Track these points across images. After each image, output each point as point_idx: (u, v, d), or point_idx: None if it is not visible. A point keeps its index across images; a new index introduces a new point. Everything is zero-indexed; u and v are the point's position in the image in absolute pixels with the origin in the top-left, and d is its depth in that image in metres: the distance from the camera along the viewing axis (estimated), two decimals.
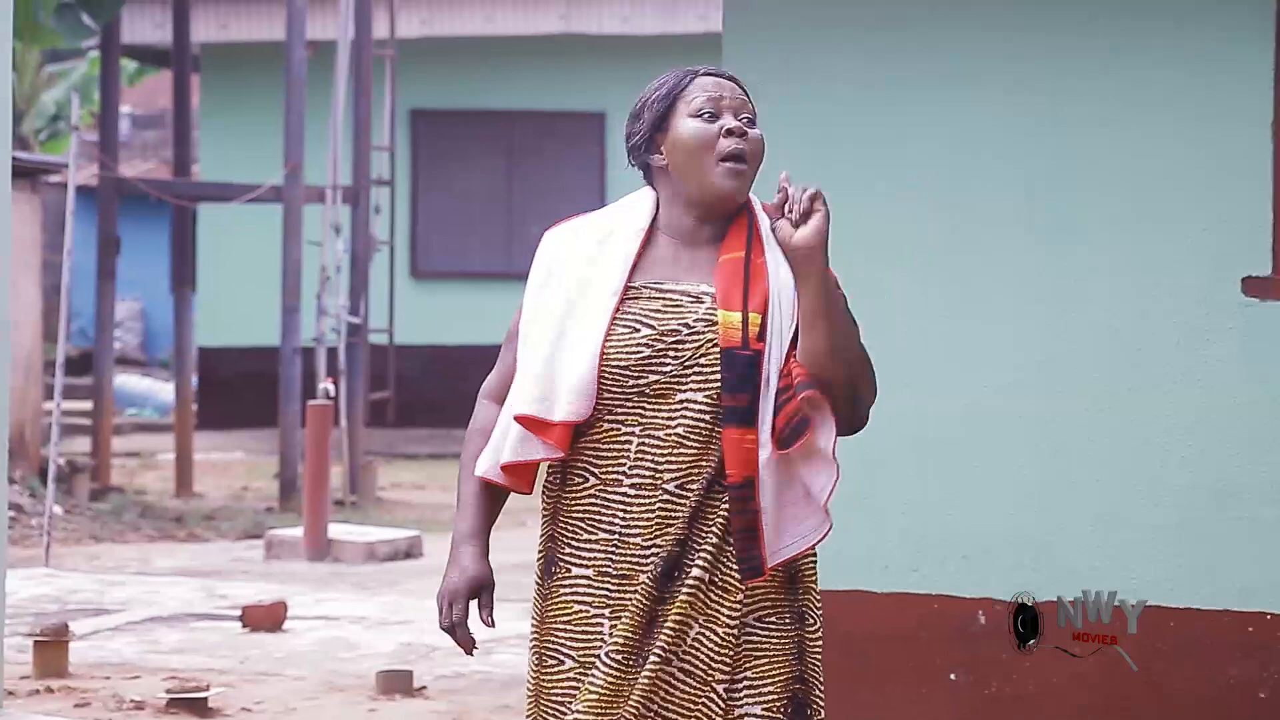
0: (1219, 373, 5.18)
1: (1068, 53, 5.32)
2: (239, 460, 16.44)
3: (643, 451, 3.30)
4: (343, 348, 13.85)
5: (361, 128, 14.44)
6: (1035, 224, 5.32)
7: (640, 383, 3.30)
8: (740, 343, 3.28)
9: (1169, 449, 5.19)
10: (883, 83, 5.43)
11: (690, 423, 3.29)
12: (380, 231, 15.01)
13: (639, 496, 3.30)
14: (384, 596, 9.66)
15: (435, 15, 17.84)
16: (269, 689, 7.25)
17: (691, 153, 3.34)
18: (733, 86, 3.40)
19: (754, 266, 3.33)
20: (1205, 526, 5.16)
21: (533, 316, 3.41)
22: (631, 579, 3.31)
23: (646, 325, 3.32)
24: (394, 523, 12.42)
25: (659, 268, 3.37)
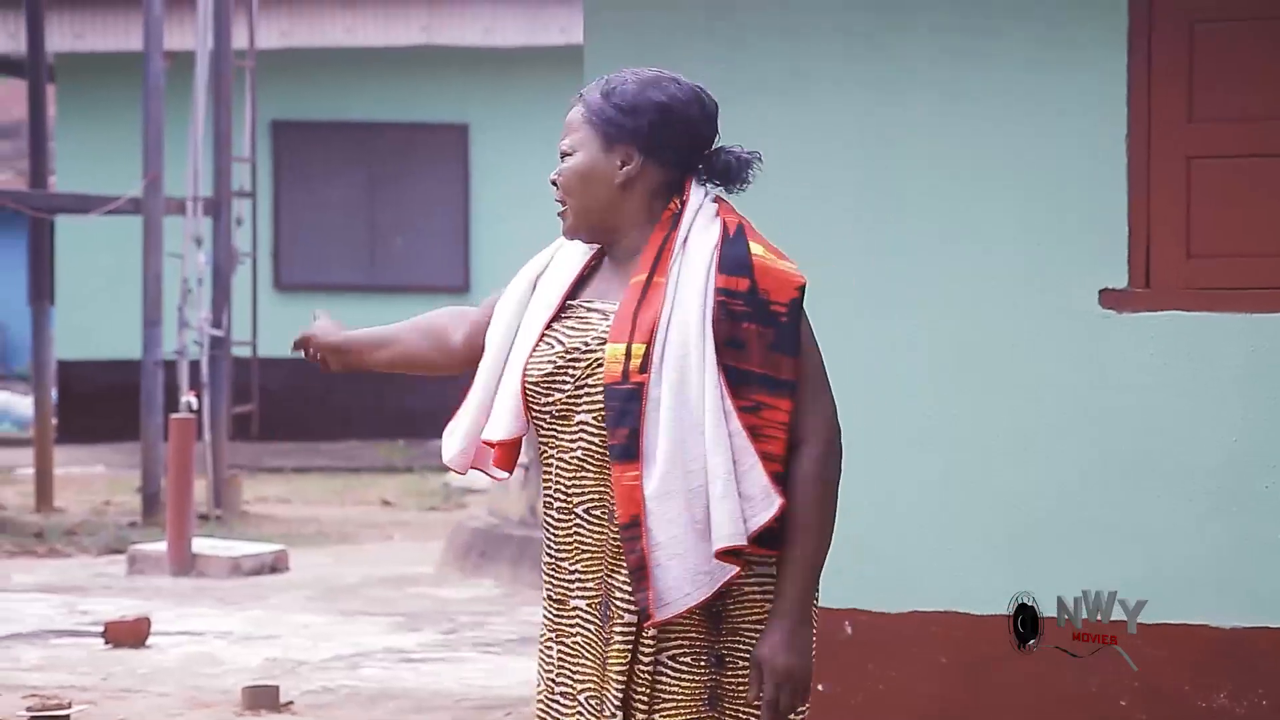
0: (1073, 383, 5.26)
1: (921, 61, 5.38)
2: (100, 475, 16.25)
3: (559, 475, 3.26)
4: (205, 361, 13.74)
5: (222, 139, 14.33)
6: (887, 231, 5.38)
7: (547, 401, 3.25)
8: (620, 376, 3.16)
9: (1015, 460, 5.26)
10: (740, 90, 5.47)
11: (587, 447, 3.22)
12: (242, 244, 14.91)
13: (560, 521, 3.27)
14: (249, 611, 9.59)
15: (295, 26, 17.75)
16: (132, 706, 7.19)
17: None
18: (571, 115, 3.38)
19: (653, 287, 3.21)
20: (1047, 536, 5.23)
21: (496, 323, 3.40)
22: (564, 604, 3.27)
23: (559, 342, 3.28)
24: (259, 537, 12.33)
25: (595, 286, 3.33)
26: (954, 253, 5.35)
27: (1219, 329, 5.20)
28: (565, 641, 3.27)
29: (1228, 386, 5.19)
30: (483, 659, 8.28)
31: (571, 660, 3.27)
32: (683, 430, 3.14)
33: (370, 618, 9.34)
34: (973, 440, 5.32)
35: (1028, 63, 5.34)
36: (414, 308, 17.08)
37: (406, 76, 18.15)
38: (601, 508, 3.21)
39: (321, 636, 8.75)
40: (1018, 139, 5.32)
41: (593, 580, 3.23)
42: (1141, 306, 5.24)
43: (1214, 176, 5.22)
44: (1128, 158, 5.25)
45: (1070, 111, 5.30)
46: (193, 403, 12.55)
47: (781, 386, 3.18)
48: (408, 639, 8.73)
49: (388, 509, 14.32)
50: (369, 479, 16.06)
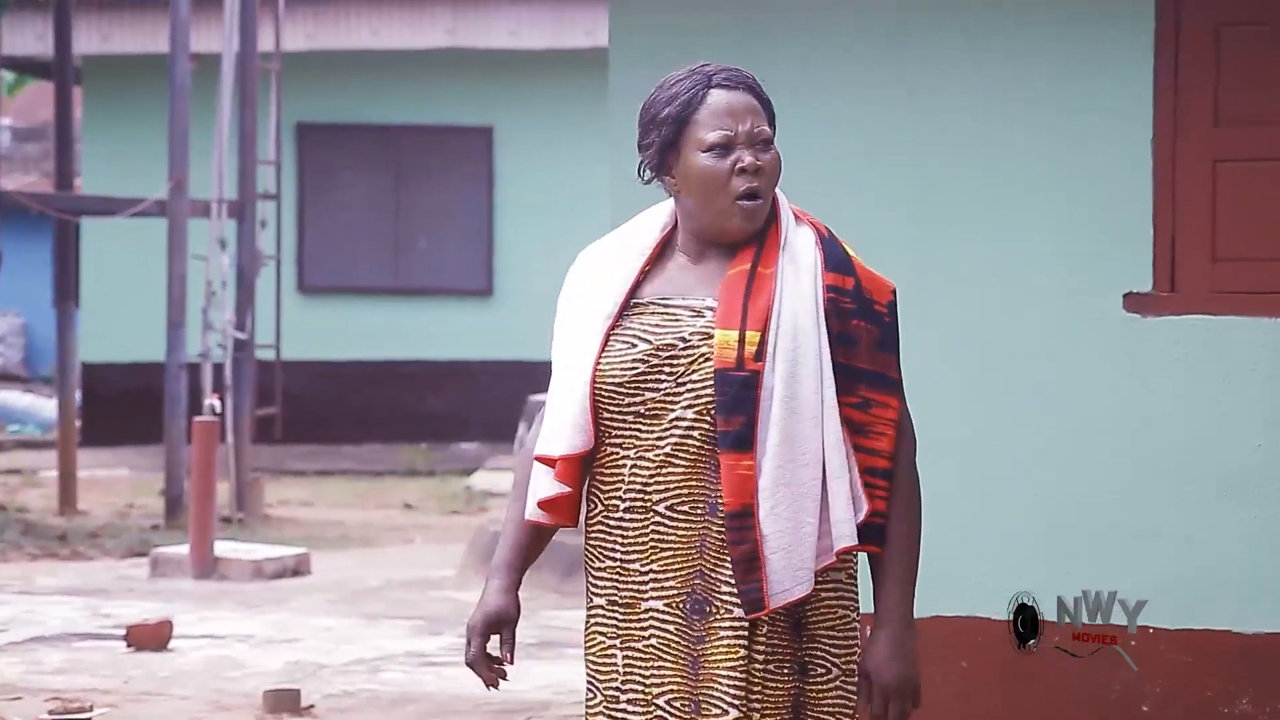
0: (1098, 388, 5.23)
1: (949, 61, 5.36)
2: (123, 477, 16.28)
3: (634, 474, 3.17)
4: (229, 363, 13.75)
5: (247, 141, 14.35)
6: (914, 235, 5.36)
7: (635, 401, 3.16)
8: (735, 363, 3.10)
9: (1040, 465, 5.24)
10: (768, 90, 5.45)
11: (678, 440, 3.14)
12: (266, 246, 14.92)
13: (632, 521, 3.17)
14: (271, 615, 9.59)
15: (321, 28, 17.77)
16: (154, 709, 7.19)
17: (704, 190, 3.18)
18: (746, 101, 3.20)
19: (759, 278, 3.15)
20: (1075, 540, 5.21)
21: (554, 344, 3.30)
22: (634, 607, 3.18)
23: (643, 340, 3.18)
24: (281, 540, 12.34)
25: (669, 282, 3.23)
26: (976, 256, 5.33)
27: (1244, 332, 5.17)
28: (636, 646, 3.18)
29: (1253, 390, 5.16)
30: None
31: (643, 664, 3.18)
32: (795, 423, 3.10)
33: (392, 621, 9.33)
34: (996, 444, 5.30)
35: (1053, 66, 5.31)
36: (437, 311, 17.19)
37: (431, 79, 18.16)
38: (690, 502, 3.15)
39: (343, 640, 8.75)
40: (1042, 142, 5.29)
41: (673, 579, 3.16)
42: (1166, 310, 5.22)
43: (1240, 180, 5.19)
44: (1153, 161, 5.23)
45: (1096, 115, 5.28)
46: (216, 405, 12.55)
47: (890, 385, 3.20)
48: (429, 643, 8.72)
49: (410, 512, 14.32)
50: (391, 482, 16.07)
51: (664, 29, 5.62)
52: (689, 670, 3.14)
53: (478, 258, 18.39)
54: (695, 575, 3.14)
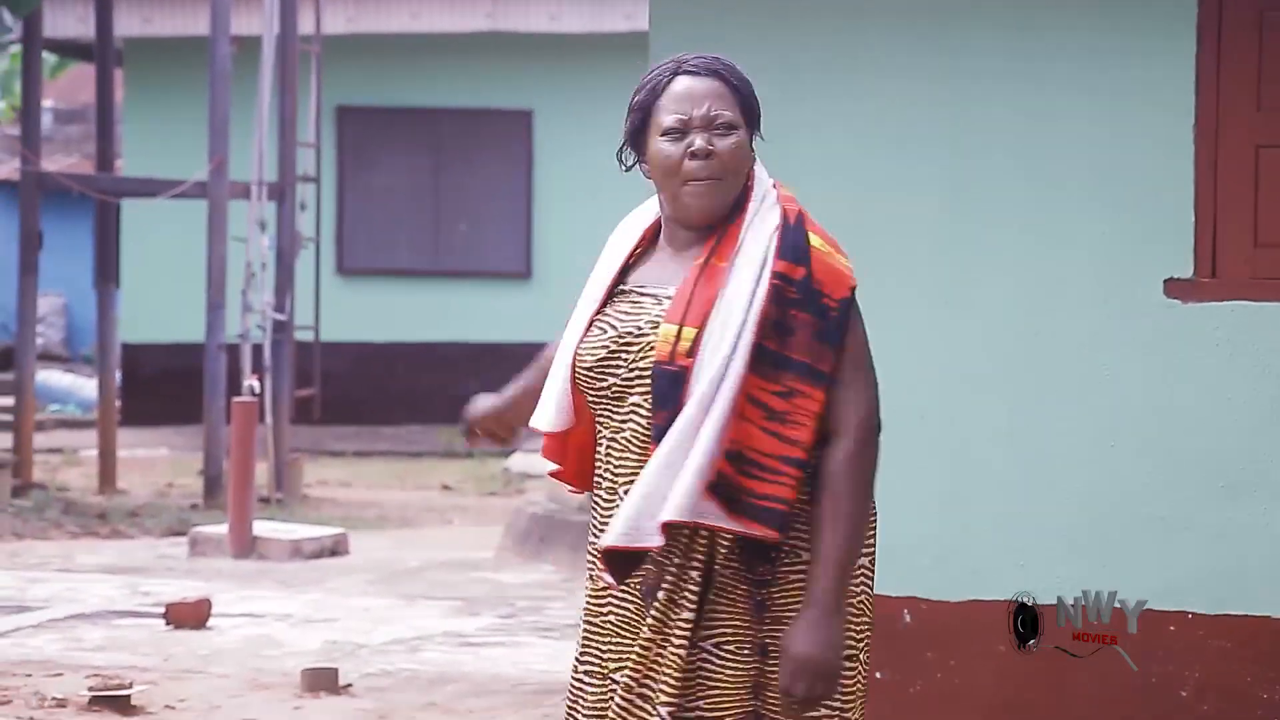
0: (1138, 375, 5.22)
1: (990, 49, 5.35)
2: (163, 457, 16.35)
3: (609, 456, 3.28)
4: (268, 344, 13.80)
5: (287, 124, 14.38)
6: (954, 223, 5.36)
7: (602, 385, 3.27)
8: (668, 357, 3.19)
9: (1080, 451, 5.24)
10: (806, 76, 5.46)
11: (634, 427, 3.24)
12: (306, 228, 14.97)
13: (606, 501, 3.29)
14: (309, 594, 9.63)
15: (361, 11, 17.79)
16: (193, 687, 7.23)
17: (662, 175, 3.27)
18: (709, 86, 3.25)
19: (709, 271, 3.21)
20: (1114, 527, 5.21)
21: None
22: (596, 583, 3.30)
23: (612, 327, 3.28)
24: (319, 520, 12.38)
25: (650, 270, 3.32)
26: (1017, 244, 5.32)
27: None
28: (594, 621, 3.29)
29: None
30: (541, 643, 8.29)
31: (600, 639, 3.29)
32: (710, 407, 3.16)
33: (429, 601, 9.36)
34: (1036, 431, 5.29)
35: (1095, 52, 5.30)
36: (476, 293, 17.29)
37: (471, 62, 18.17)
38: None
39: (381, 620, 8.78)
40: (1084, 128, 5.28)
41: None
42: (1207, 296, 5.20)
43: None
44: (1195, 147, 5.21)
45: (1138, 101, 5.26)
46: (255, 386, 12.60)
47: (819, 377, 3.20)
48: (467, 623, 8.75)
49: (448, 493, 14.36)
50: (429, 463, 16.11)
51: (703, 12, 5.62)
52: (645, 650, 3.22)
53: (516, 240, 18.41)
54: (651, 561, 3.22)
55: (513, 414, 3.59)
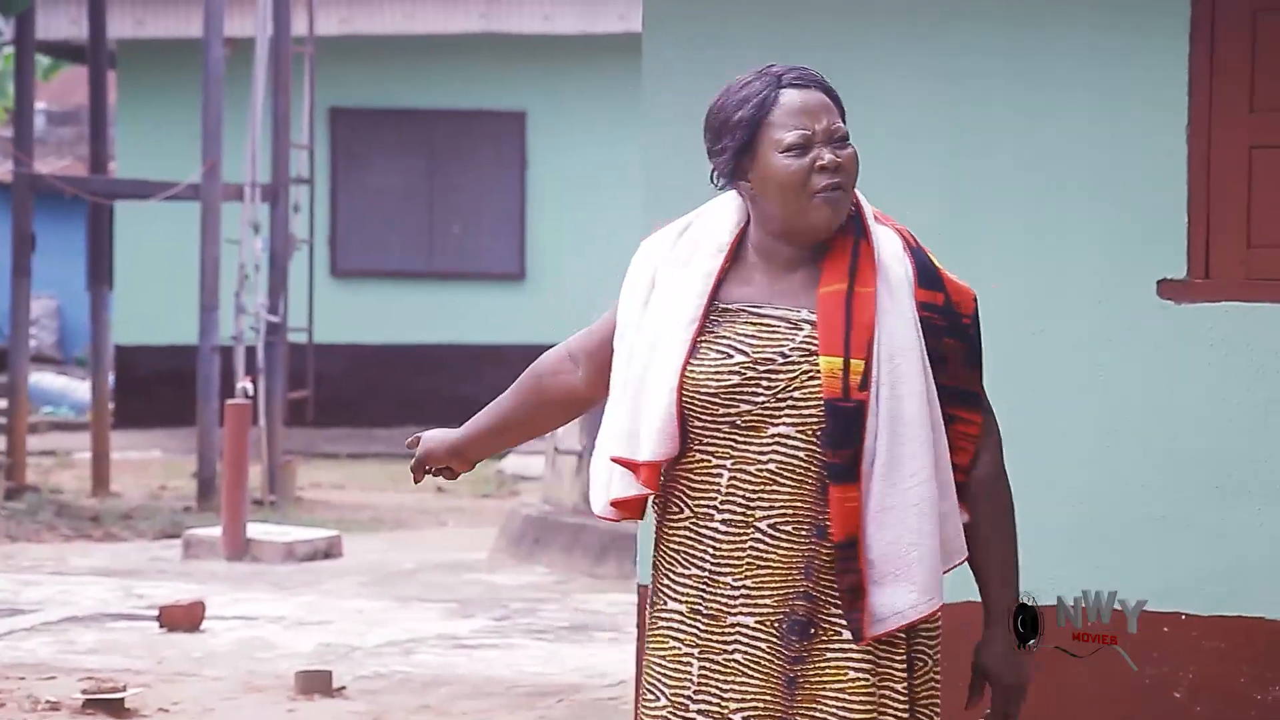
0: (1134, 376, 5.22)
1: (984, 48, 5.35)
2: (156, 459, 16.34)
3: (734, 486, 3.11)
4: (261, 346, 13.79)
5: (280, 126, 14.37)
6: (948, 223, 5.35)
7: (730, 412, 3.10)
8: (841, 393, 3.06)
9: (1077, 452, 5.23)
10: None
11: (783, 459, 3.09)
12: (299, 230, 14.96)
13: (729, 533, 3.11)
14: (303, 596, 9.62)
15: (355, 13, 17.78)
16: (186, 689, 7.22)
17: (784, 192, 3.12)
18: (819, 99, 3.17)
19: (858, 299, 3.10)
20: (1109, 528, 5.20)
21: (622, 335, 3.23)
22: (719, 620, 3.12)
23: (740, 351, 3.11)
24: (313, 522, 12.37)
25: (752, 288, 3.16)
26: (1010, 243, 5.31)
27: (1277, 319, 5.15)
28: (716, 659, 3.12)
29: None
30: (535, 645, 8.29)
31: (722, 677, 3.12)
32: (898, 448, 3.08)
33: (423, 604, 9.36)
34: (1031, 432, 5.29)
35: (1088, 52, 5.30)
36: (470, 295, 17.24)
37: (465, 64, 18.17)
38: (794, 523, 3.10)
39: (375, 622, 8.77)
40: (1077, 129, 5.28)
41: (769, 597, 3.10)
42: (1200, 297, 5.20)
43: (1275, 166, 5.17)
44: (1188, 147, 5.21)
45: (1131, 101, 5.26)
46: (249, 388, 12.59)
47: (972, 399, 3.20)
48: (461, 625, 8.75)
49: (441, 495, 14.35)
50: None
51: (697, 13, 5.61)
52: (780, 689, 3.09)
53: (510, 242, 18.41)
54: (798, 596, 3.09)
55: (472, 449, 3.48)
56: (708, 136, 3.22)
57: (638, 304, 3.22)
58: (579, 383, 3.37)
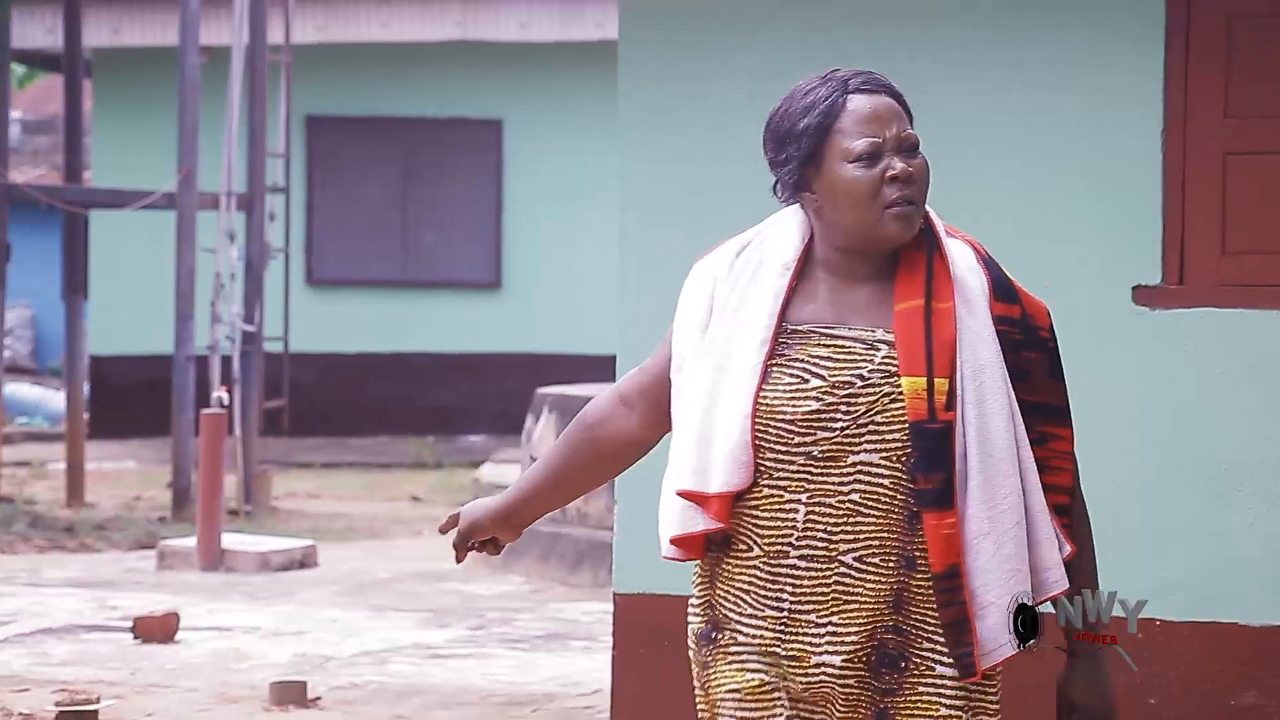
0: (1110, 382, 5.22)
1: (957, 52, 5.34)
2: (131, 470, 16.29)
3: (812, 521, 2.94)
4: (237, 356, 13.75)
5: (256, 134, 14.35)
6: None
7: (807, 441, 2.93)
8: (927, 414, 2.91)
9: None
10: (776, 83, 5.43)
11: (866, 488, 2.93)
12: (275, 239, 14.93)
13: (810, 569, 2.94)
14: (278, 607, 9.59)
15: (331, 21, 17.76)
16: (160, 701, 7.19)
17: (854, 204, 2.96)
18: (889, 105, 3.01)
19: (936, 315, 2.95)
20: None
21: (681, 364, 3.05)
22: (802, 660, 2.96)
23: (816, 375, 2.94)
24: (288, 532, 12.34)
25: (822, 307, 3.00)
26: (990, 250, 5.30)
27: (1253, 326, 5.15)
28: (803, 696, 2.97)
29: (1263, 383, 5.14)
30: (510, 655, 8.26)
31: (809, 708, 2.99)
32: (990, 468, 2.94)
33: (399, 613, 9.33)
34: None
35: (1063, 57, 5.30)
36: (446, 303, 17.15)
37: (441, 72, 18.15)
38: (881, 554, 2.94)
39: (350, 632, 8.74)
40: (1052, 133, 5.28)
41: (856, 633, 2.95)
42: (1175, 303, 5.20)
43: (1250, 173, 5.18)
44: (1163, 153, 5.21)
45: (1106, 107, 5.26)
46: (224, 398, 12.56)
47: (1062, 415, 3.07)
48: (436, 635, 8.72)
49: (417, 505, 14.32)
50: (399, 475, 16.07)
51: (673, 21, 5.60)
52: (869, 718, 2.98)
53: (487, 250, 18.39)
54: (887, 630, 2.95)
55: (521, 516, 3.25)
56: (769, 146, 3.05)
57: (696, 329, 3.05)
58: (635, 427, 3.17)
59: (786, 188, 3.04)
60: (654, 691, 5.47)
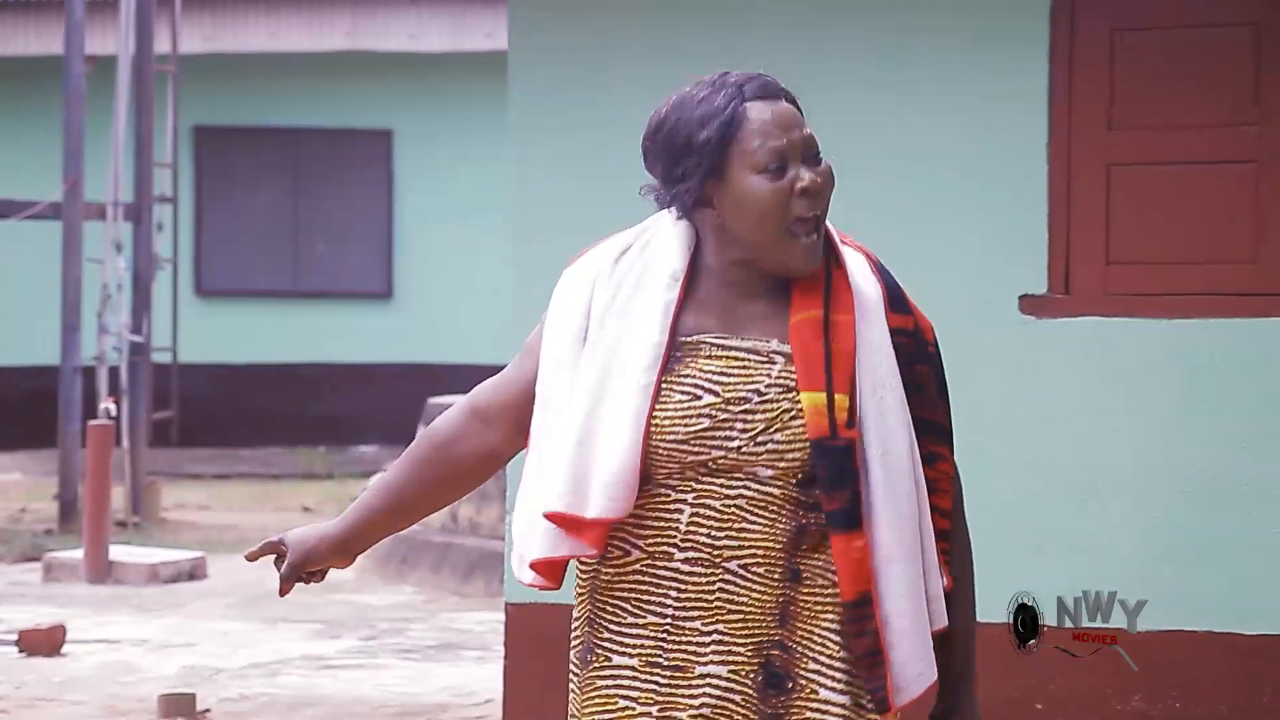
0: (995, 390, 5.27)
1: (844, 61, 5.39)
2: (17, 481, 16.10)
3: (696, 523, 2.77)
4: (125, 367, 13.64)
5: (143, 144, 14.23)
6: None
7: (700, 459, 2.76)
8: (829, 430, 2.73)
9: None
10: (668, 92, 5.46)
11: (753, 494, 2.76)
12: (163, 249, 14.81)
13: (694, 574, 2.77)
14: (166, 619, 9.52)
15: (219, 31, 17.65)
16: (47, 715, 7.12)
17: (762, 217, 2.77)
18: (789, 110, 2.83)
19: (835, 328, 2.78)
20: (976, 541, 5.24)
21: (553, 376, 2.84)
22: (685, 671, 2.78)
23: (708, 391, 2.76)
24: (177, 544, 12.25)
25: (713, 318, 2.82)
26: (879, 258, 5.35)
27: (1137, 334, 5.22)
28: (679, 715, 2.78)
29: (1146, 391, 5.21)
30: (402, 665, 8.24)
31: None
32: (894, 488, 2.78)
33: (290, 625, 9.28)
34: None
35: (949, 69, 5.35)
36: (337, 314, 17.03)
37: (330, 82, 18.08)
38: (765, 564, 2.76)
39: (240, 644, 8.69)
40: (938, 145, 5.33)
41: (744, 646, 2.77)
42: (1061, 312, 5.26)
43: (1133, 184, 5.25)
44: (1049, 164, 5.27)
45: (992, 119, 5.32)
46: (111, 409, 12.45)
47: (948, 435, 2.91)
48: (327, 646, 8.68)
49: (308, 515, 14.24)
50: (290, 485, 15.98)
51: (563, 30, 5.62)
52: None
53: (377, 260, 18.33)
54: (773, 645, 2.77)
55: (360, 541, 3.02)
56: (661, 161, 2.83)
57: (573, 338, 2.84)
58: (495, 443, 2.94)
59: (683, 204, 2.82)
60: (545, 701, 5.48)
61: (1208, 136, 5.22)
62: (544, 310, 2.96)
